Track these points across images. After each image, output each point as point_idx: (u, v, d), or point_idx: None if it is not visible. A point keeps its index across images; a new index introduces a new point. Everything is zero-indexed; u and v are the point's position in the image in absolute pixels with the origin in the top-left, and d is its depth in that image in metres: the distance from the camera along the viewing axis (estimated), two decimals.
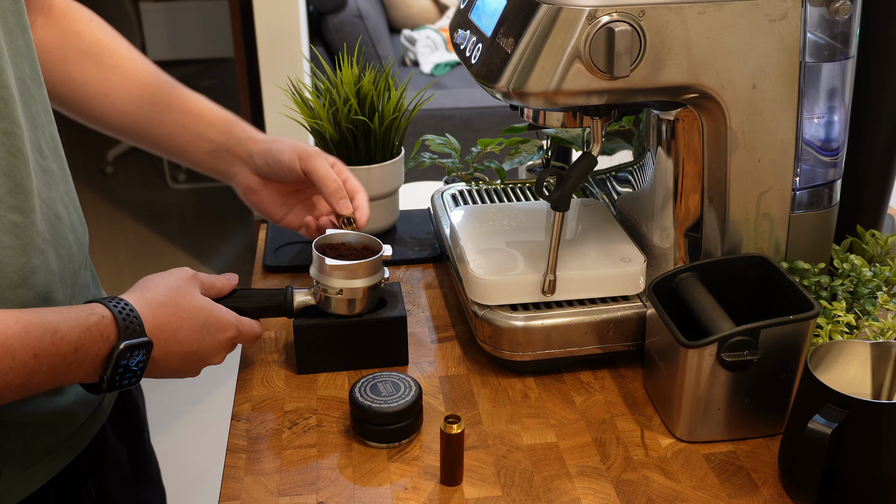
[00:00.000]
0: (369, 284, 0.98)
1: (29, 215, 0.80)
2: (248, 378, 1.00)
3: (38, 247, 0.81)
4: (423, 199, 1.47)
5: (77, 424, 0.90)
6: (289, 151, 1.04)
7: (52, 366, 0.75)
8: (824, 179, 0.98)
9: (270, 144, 1.06)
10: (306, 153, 1.04)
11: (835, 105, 0.95)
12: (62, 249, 0.86)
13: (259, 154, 1.06)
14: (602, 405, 0.95)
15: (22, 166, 0.79)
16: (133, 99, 1.05)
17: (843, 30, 0.92)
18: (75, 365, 0.77)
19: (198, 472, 2.37)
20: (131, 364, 0.80)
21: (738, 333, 0.84)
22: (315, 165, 1.02)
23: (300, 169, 1.03)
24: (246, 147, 1.07)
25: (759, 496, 0.83)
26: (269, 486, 0.85)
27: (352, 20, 3.33)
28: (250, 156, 1.06)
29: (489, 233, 1.10)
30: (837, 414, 0.75)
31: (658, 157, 1.01)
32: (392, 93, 1.21)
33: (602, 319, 0.98)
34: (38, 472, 0.86)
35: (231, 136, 1.07)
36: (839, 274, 0.98)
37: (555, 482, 0.85)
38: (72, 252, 0.88)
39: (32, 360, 0.74)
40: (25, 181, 0.79)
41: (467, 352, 1.04)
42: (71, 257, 0.88)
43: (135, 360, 0.81)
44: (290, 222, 1.10)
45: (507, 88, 0.87)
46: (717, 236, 0.97)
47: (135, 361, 0.81)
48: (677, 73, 0.88)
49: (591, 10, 0.84)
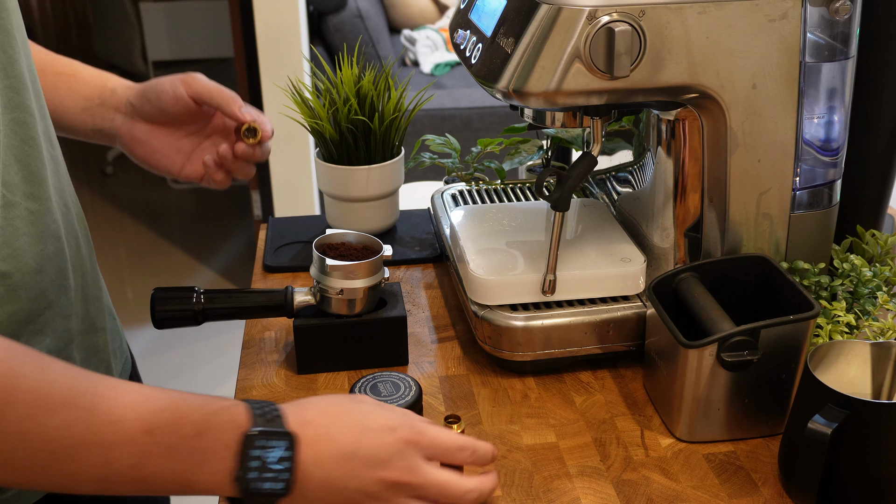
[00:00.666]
0: (369, 284, 0.98)
1: (44, 203, 0.80)
2: (248, 378, 1.00)
3: (53, 233, 0.82)
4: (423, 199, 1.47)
5: None
6: (169, 81, 0.97)
7: (171, 448, 0.64)
8: (824, 179, 0.98)
9: (147, 83, 0.99)
10: (189, 77, 0.97)
11: (835, 105, 0.95)
12: (71, 238, 0.87)
13: (137, 96, 0.98)
14: (602, 405, 0.95)
15: (36, 154, 0.80)
16: None
17: (843, 30, 0.92)
18: (200, 454, 0.65)
19: None
20: (269, 460, 0.65)
21: (738, 333, 0.84)
22: (202, 83, 0.96)
23: (186, 94, 0.96)
24: (122, 96, 0.99)
25: (759, 496, 0.83)
26: None
27: (352, 20, 3.33)
28: (128, 103, 0.98)
29: (489, 233, 1.10)
30: (837, 414, 0.75)
31: (658, 157, 1.01)
32: (392, 93, 1.21)
33: (602, 319, 0.98)
34: None
35: (104, 88, 0.99)
36: (839, 274, 0.98)
37: (555, 482, 0.85)
38: (79, 242, 0.89)
39: (145, 436, 0.63)
40: (40, 169, 0.80)
41: (467, 352, 1.04)
42: (79, 247, 0.88)
43: (273, 454, 0.66)
44: (189, 174, 1.02)
45: (507, 88, 0.87)
46: (717, 236, 0.97)
47: (274, 457, 0.66)
48: (677, 73, 0.88)
49: (591, 10, 0.84)
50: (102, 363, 0.92)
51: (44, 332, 0.82)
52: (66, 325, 0.85)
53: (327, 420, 0.69)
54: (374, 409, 0.71)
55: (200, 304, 0.96)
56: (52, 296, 0.83)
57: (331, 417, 0.69)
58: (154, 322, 0.96)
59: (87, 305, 0.89)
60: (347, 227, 1.23)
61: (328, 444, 0.68)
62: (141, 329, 2.99)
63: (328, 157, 1.23)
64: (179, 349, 2.91)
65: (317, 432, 0.68)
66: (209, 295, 0.97)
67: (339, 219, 1.25)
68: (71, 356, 0.86)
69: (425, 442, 0.71)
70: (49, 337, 0.83)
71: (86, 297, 0.89)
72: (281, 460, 0.66)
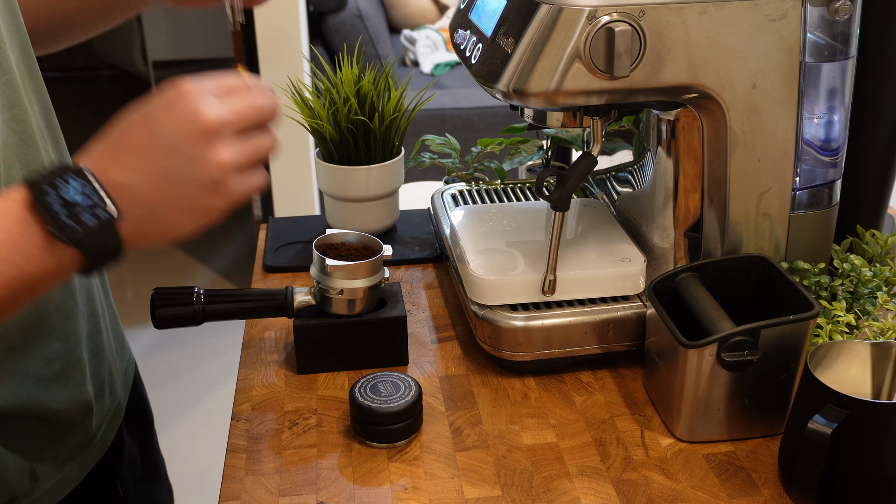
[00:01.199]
0: (369, 284, 0.98)
1: None
2: (248, 378, 1.00)
3: None
4: (423, 199, 1.47)
5: (100, 421, 0.90)
6: None
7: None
8: (824, 179, 0.98)
9: None
10: None
11: (835, 105, 0.95)
12: None
13: None
14: (602, 405, 0.95)
15: (35, 153, 0.79)
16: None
17: (843, 30, 0.92)
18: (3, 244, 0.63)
19: (198, 472, 2.37)
20: (70, 197, 0.63)
21: (738, 333, 0.84)
22: None
23: None
24: None
25: (759, 496, 0.83)
26: (269, 486, 0.85)
27: (352, 20, 3.33)
28: None
29: (489, 233, 1.10)
30: (837, 414, 0.75)
31: (658, 157, 1.01)
32: (392, 93, 1.21)
33: (602, 319, 0.98)
34: (71, 473, 0.86)
35: None
36: (839, 274, 0.98)
37: (555, 482, 0.85)
38: None
39: None
40: (42, 168, 0.79)
41: (467, 352, 1.04)
42: None
43: (69, 190, 0.63)
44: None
45: (507, 88, 0.87)
46: (717, 236, 0.97)
47: (73, 191, 0.63)
48: (677, 73, 0.88)
49: (591, 10, 0.84)
50: (107, 362, 0.92)
51: (51, 335, 0.82)
52: (74, 326, 0.85)
53: (109, 140, 0.67)
54: (148, 108, 0.68)
55: (200, 304, 0.96)
56: (57, 298, 0.82)
57: (112, 136, 0.67)
58: (154, 322, 0.96)
59: (91, 305, 0.89)
60: (347, 227, 1.23)
61: (123, 152, 0.66)
62: (141, 329, 2.99)
63: (328, 157, 1.23)
64: (179, 349, 2.90)
65: (104, 149, 0.67)
66: (209, 295, 0.97)
67: (339, 219, 1.25)
68: (80, 358, 0.86)
69: (205, 85, 0.68)
70: (57, 340, 0.83)
71: (90, 297, 0.89)
72: (83, 191, 0.64)
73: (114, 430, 0.94)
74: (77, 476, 0.87)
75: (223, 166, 0.67)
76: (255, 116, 0.69)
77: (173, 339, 2.93)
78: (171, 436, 2.50)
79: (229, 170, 0.67)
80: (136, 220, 0.66)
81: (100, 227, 0.64)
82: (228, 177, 0.67)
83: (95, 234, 0.64)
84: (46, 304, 0.81)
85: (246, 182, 0.69)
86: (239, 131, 0.68)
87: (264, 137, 0.71)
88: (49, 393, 0.82)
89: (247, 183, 0.69)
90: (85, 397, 0.87)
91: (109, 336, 0.94)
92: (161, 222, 0.67)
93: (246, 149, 0.69)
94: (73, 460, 0.87)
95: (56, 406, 0.83)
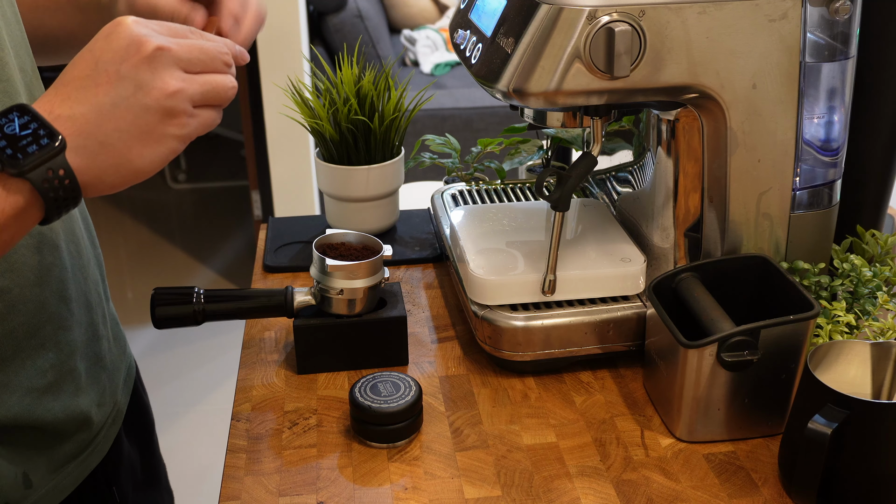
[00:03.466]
0: (369, 284, 0.98)
1: None
2: (248, 378, 1.00)
3: (50, 242, 0.80)
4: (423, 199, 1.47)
5: (97, 428, 0.89)
6: None
7: None
8: (824, 179, 0.98)
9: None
10: None
11: (835, 105, 0.95)
12: (72, 245, 0.85)
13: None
14: (602, 405, 0.95)
15: None
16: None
17: (843, 30, 0.92)
18: None
19: (198, 472, 2.37)
20: (12, 131, 0.63)
21: (738, 333, 0.84)
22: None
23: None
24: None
25: (759, 496, 0.83)
26: (269, 486, 0.85)
27: (352, 20, 3.33)
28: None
29: (489, 233, 1.10)
30: (837, 414, 0.75)
31: (658, 157, 1.01)
32: (392, 93, 1.21)
33: (602, 319, 0.98)
34: (65, 481, 0.85)
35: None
36: (839, 274, 0.98)
37: (555, 482, 0.85)
38: (81, 247, 0.87)
39: None
40: None
41: (467, 352, 1.04)
42: (80, 252, 0.87)
43: (11, 126, 0.63)
44: None
45: (507, 88, 0.87)
46: (717, 236, 0.97)
47: (14, 127, 0.63)
48: (677, 73, 0.88)
49: (591, 10, 0.84)
50: (105, 371, 0.91)
51: (45, 346, 0.81)
52: (68, 336, 0.84)
53: (56, 81, 0.66)
54: (90, 44, 0.67)
55: (200, 304, 0.96)
56: (52, 307, 0.81)
57: (60, 77, 0.66)
58: (154, 322, 0.96)
59: (90, 313, 0.88)
60: (347, 227, 1.23)
61: (68, 87, 0.65)
62: (141, 329, 2.99)
63: (328, 157, 1.23)
64: (179, 349, 2.90)
65: (52, 90, 0.66)
66: (209, 295, 0.97)
67: (339, 219, 1.25)
68: (75, 369, 0.85)
69: (148, 21, 0.68)
70: (51, 351, 0.82)
71: (88, 305, 0.88)
72: (25, 124, 0.63)
73: (112, 435, 0.93)
74: (72, 483, 0.86)
75: (171, 93, 0.66)
76: (203, 57, 0.68)
77: (173, 339, 2.94)
78: (171, 436, 2.50)
79: (180, 98, 0.66)
80: (88, 153, 0.64)
81: (43, 155, 0.63)
82: (180, 105, 0.66)
83: (41, 161, 0.63)
84: (40, 314, 0.80)
85: (202, 116, 0.68)
86: (187, 68, 0.67)
87: (220, 76, 0.70)
88: (41, 404, 0.81)
89: (203, 117, 0.68)
90: (79, 408, 0.85)
91: (111, 343, 0.93)
92: (116, 153, 0.65)
93: (198, 82, 0.68)
94: (68, 467, 0.85)
95: (49, 417, 0.82)
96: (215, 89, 0.69)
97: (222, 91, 0.70)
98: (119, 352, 0.96)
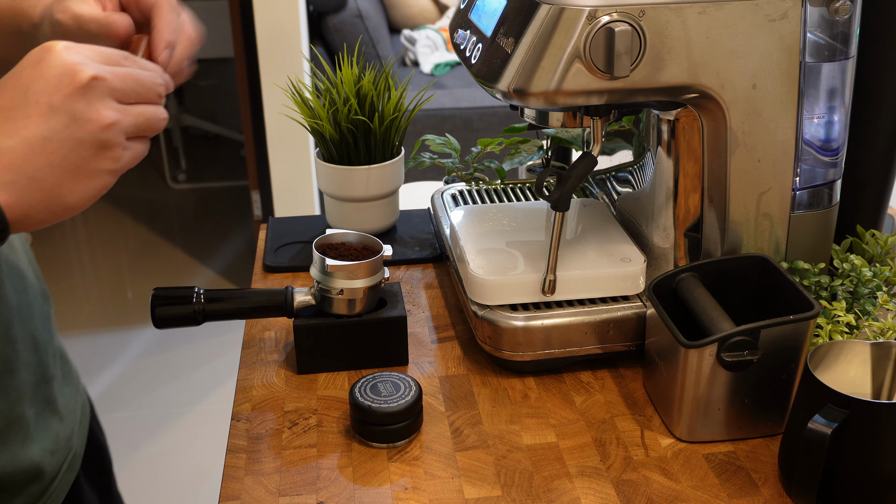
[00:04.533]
0: (369, 284, 0.98)
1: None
2: (248, 378, 1.00)
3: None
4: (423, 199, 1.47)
5: (50, 478, 0.85)
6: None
7: None
8: (824, 179, 0.98)
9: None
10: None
11: (835, 105, 0.95)
12: (17, 280, 0.81)
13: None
14: (602, 405, 0.95)
15: None
16: None
17: (843, 30, 0.92)
18: None
19: (198, 472, 2.37)
20: None
21: (738, 333, 0.84)
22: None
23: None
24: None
25: (759, 496, 0.83)
26: (269, 486, 0.85)
27: (352, 20, 3.33)
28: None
29: (489, 233, 1.10)
30: (837, 414, 0.75)
31: (658, 157, 1.01)
32: (392, 93, 1.21)
33: (602, 319, 0.98)
34: None
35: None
36: (839, 274, 0.98)
37: (555, 482, 0.85)
38: (25, 282, 0.82)
39: None
40: None
41: (467, 352, 1.04)
42: (25, 288, 0.82)
43: None
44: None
45: (507, 88, 0.87)
46: (717, 236, 0.97)
47: None
48: (677, 73, 0.88)
49: (592, 10, 0.84)
50: (56, 415, 0.86)
51: None
52: (15, 381, 0.79)
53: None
54: (17, 69, 0.63)
55: (200, 304, 0.96)
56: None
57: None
58: (154, 322, 0.96)
59: (37, 353, 0.83)
60: (347, 227, 1.23)
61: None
62: (141, 329, 2.99)
63: (328, 157, 1.23)
64: (179, 349, 2.91)
65: None
66: (209, 295, 0.97)
67: (339, 219, 1.25)
68: (23, 415, 0.80)
69: (78, 47, 0.64)
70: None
71: (35, 344, 0.83)
72: None
73: (68, 483, 0.88)
74: None
75: (106, 126, 0.62)
76: (137, 88, 0.65)
77: (173, 339, 2.94)
78: (171, 436, 2.50)
79: (115, 131, 0.63)
80: (17, 189, 0.60)
81: None
82: (115, 137, 0.63)
83: None
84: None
85: (133, 149, 0.65)
86: (121, 98, 0.64)
87: (153, 107, 0.67)
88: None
89: (134, 150, 0.66)
90: (28, 458, 0.80)
91: (61, 383, 0.88)
92: (46, 189, 0.61)
93: (132, 113, 0.64)
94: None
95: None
96: (149, 121, 0.66)
97: (154, 123, 0.67)
98: (72, 392, 0.92)
